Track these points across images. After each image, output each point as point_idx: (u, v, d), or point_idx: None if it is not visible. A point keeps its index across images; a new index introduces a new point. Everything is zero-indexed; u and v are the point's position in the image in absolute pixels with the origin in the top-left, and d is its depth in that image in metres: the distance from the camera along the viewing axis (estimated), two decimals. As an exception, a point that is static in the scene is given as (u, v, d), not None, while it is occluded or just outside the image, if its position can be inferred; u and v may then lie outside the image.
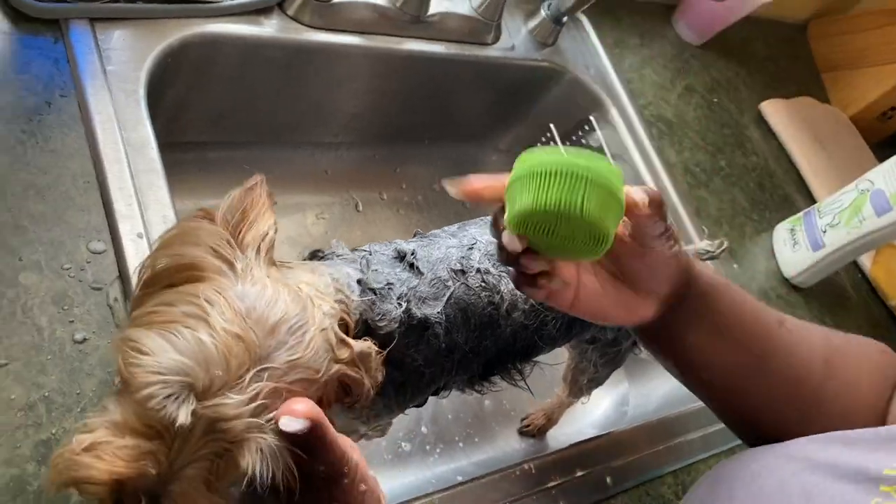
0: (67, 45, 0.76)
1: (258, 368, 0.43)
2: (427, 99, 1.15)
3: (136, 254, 0.68)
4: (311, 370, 0.46)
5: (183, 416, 0.40)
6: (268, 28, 0.92)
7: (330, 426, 0.42)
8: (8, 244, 0.64)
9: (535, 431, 1.11)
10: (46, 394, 0.60)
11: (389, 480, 0.96)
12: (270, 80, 0.98)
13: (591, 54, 1.23)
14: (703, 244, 0.83)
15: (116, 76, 0.77)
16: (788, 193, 1.36)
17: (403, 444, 1.02)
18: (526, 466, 0.80)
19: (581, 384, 0.96)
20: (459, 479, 1.04)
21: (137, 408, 0.42)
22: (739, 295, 0.59)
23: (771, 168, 1.37)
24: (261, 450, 0.41)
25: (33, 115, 0.71)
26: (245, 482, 0.42)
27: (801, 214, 1.23)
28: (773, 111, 1.44)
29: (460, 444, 1.08)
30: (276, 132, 1.08)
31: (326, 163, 1.15)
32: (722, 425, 0.97)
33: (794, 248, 1.20)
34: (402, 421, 1.05)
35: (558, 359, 0.93)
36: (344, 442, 0.44)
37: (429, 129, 1.22)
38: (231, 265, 0.47)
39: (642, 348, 0.88)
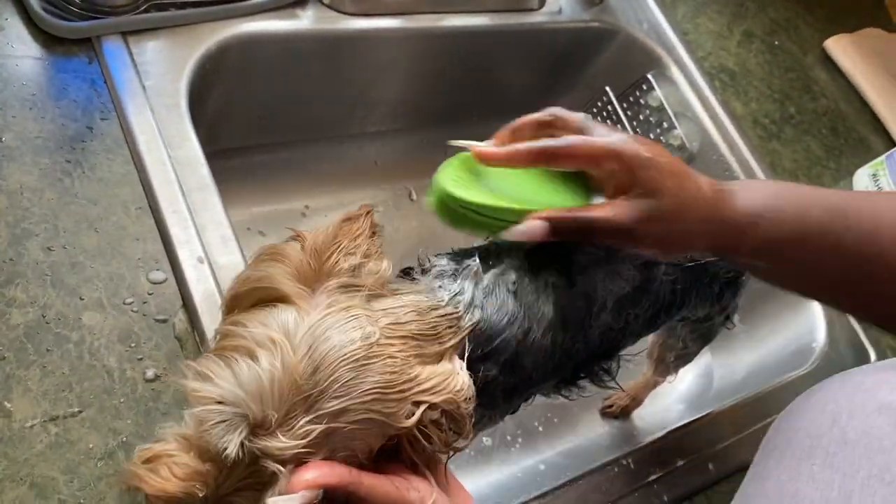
0: (102, 64, 0.72)
1: (312, 414, 0.41)
2: (473, 75, 1.09)
3: (197, 279, 0.65)
4: (373, 412, 0.43)
5: (232, 448, 0.40)
6: (305, 20, 0.87)
7: (362, 480, 0.42)
8: (67, 283, 0.61)
9: (618, 412, 1.06)
10: (124, 439, 0.57)
11: (475, 480, 0.93)
12: (312, 75, 0.94)
13: (643, 8, 1.15)
14: None
15: (156, 91, 0.73)
16: (864, 136, 1.27)
17: (484, 439, 0.98)
18: (624, 462, 0.75)
19: (668, 362, 0.90)
20: (542, 467, 1.02)
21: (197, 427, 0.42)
22: (814, 244, 0.53)
23: (842, 110, 1.28)
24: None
25: (76, 142, 0.67)
26: None
27: (882, 158, 1.14)
28: (839, 48, 1.34)
29: (540, 429, 1.04)
30: (322, 128, 1.03)
31: (375, 153, 1.11)
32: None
33: (879, 195, 1.12)
34: (481, 414, 1.01)
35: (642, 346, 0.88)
36: (396, 488, 0.43)
37: (477, 106, 1.16)
38: (311, 292, 0.45)
39: (736, 322, 0.83)
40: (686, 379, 1.12)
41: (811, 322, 1.00)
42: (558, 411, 1.03)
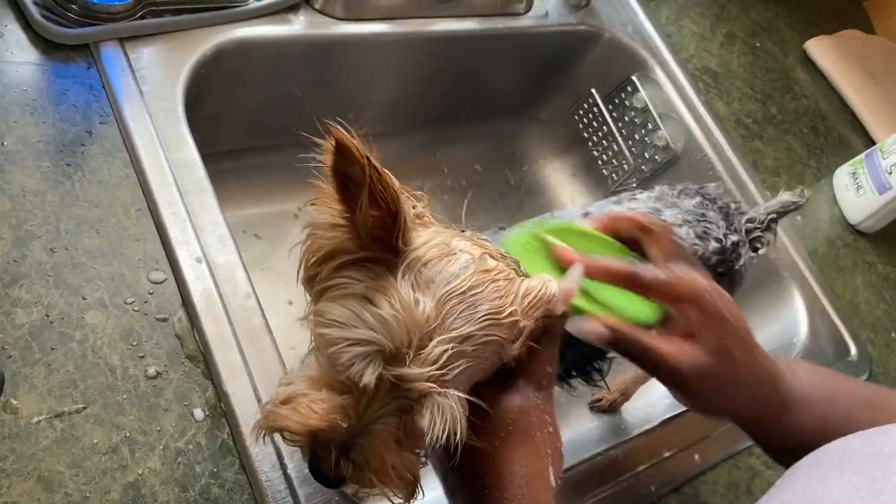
0: (100, 69, 0.73)
1: (439, 339, 0.43)
2: (461, 78, 1.11)
3: (196, 279, 0.66)
4: (492, 336, 0.45)
5: (368, 377, 0.42)
6: (296, 25, 0.89)
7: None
8: (69, 284, 0.62)
9: (606, 406, 1.09)
10: (128, 434, 0.58)
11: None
12: (303, 79, 0.95)
13: (627, 11, 1.18)
14: (786, 196, 0.80)
15: (153, 96, 0.74)
16: (844, 135, 1.30)
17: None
18: (612, 453, 0.77)
19: None
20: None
21: (329, 366, 0.45)
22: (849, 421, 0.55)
23: (822, 110, 1.32)
24: (440, 408, 0.43)
25: (76, 146, 0.69)
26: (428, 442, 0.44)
27: (862, 156, 1.17)
28: (819, 49, 1.38)
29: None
30: (313, 131, 1.04)
31: (366, 155, 1.12)
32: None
33: (859, 193, 1.15)
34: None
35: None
36: None
37: (465, 109, 1.19)
38: (381, 246, 0.46)
39: None
40: (673, 374, 1.14)
41: (794, 317, 1.03)
42: (548, 406, 1.06)
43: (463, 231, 0.55)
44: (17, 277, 0.61)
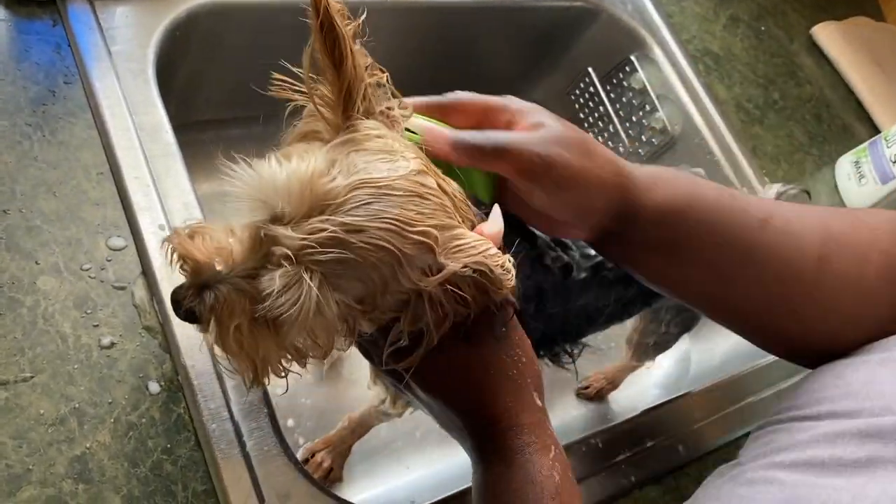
0: (67, 27, 0.70)
1: (326, 217, 0.41)
2: (452, 53, 1.08)
3: (158, 247, 0.64)
4: (389, 244, 0.41)
5: (241, 224, 0.44)
6: (278, -9, 0.85)
7: None
8: (22, 247, 0.59)
9: (593, 394, 1.06)
10: (77, 405, 0.56)
11: (443, 461, 0.92)
12: (286, 47, 0.92)
13: (627, -11, 1.14)
14: (776, 188, 0.77)
15: (122, 56, 0.71)
16: (848, 123, 1.26)
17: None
18: (592, 441, 0.74)
19: (647, 347, 0.89)
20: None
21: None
22: (706, 210, 0.52)
23: (827, 97, 1.27)
24: (288, 277, 0.41)
25: (37, 106, 0.66)
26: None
27: (865, 145, 1.14)
28: (826, 35, 1.33)
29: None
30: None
31: (353, 130, 1.09)
32: (793, 380, 0.92)
33: (861, 182, 1.11)
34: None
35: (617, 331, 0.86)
36: None
37: (457, 83, 1.14)
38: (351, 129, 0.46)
39: None
40: (664, 364, 1.11)
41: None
42: (533, 393, 1.03)
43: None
44: (-34, 239, 0.58)
